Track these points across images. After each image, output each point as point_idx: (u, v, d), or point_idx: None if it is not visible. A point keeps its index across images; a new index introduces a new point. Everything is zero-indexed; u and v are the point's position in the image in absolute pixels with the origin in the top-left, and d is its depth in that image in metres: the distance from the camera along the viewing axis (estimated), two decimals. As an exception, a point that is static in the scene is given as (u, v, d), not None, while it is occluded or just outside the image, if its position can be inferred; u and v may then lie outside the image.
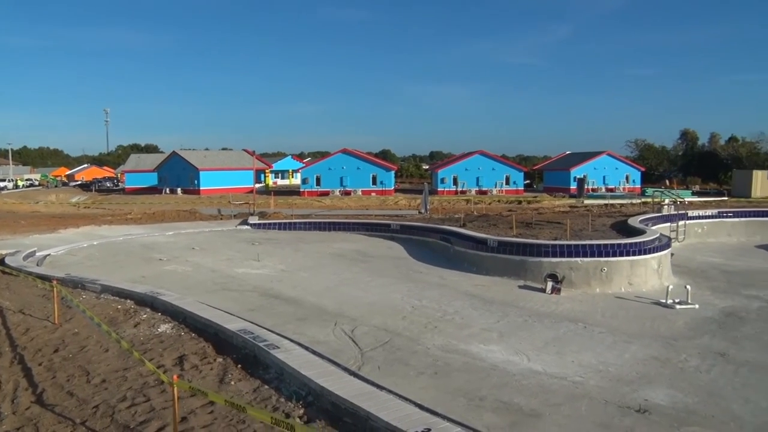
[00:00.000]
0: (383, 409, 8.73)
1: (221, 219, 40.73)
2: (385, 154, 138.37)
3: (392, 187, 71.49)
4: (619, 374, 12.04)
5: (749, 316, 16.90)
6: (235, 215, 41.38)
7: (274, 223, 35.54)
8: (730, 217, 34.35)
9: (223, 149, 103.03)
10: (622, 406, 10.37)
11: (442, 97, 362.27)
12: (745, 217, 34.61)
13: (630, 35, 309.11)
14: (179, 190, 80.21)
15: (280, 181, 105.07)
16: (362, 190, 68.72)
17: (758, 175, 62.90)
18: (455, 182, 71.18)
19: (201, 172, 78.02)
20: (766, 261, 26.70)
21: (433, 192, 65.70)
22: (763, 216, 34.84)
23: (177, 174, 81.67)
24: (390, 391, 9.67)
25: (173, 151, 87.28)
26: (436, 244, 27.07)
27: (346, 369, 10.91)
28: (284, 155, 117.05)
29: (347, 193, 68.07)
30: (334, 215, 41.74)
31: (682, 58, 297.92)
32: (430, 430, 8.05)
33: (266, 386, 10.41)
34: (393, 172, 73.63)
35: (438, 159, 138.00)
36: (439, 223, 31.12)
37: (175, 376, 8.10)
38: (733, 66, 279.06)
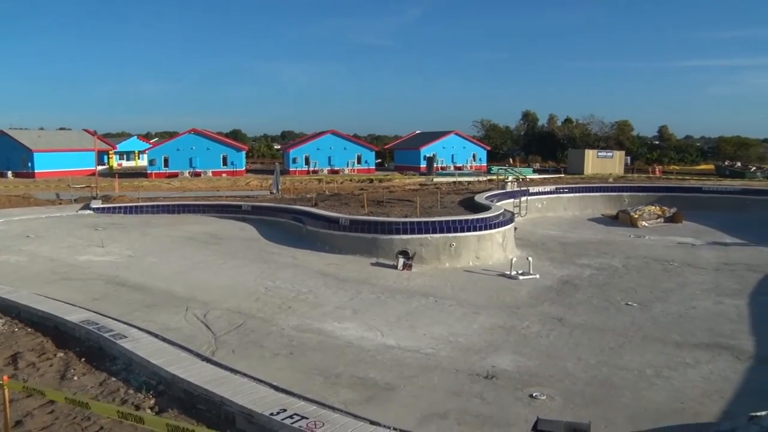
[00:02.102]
0: (238, 393, 8.65)
1: (60, 204, 38.06)
2: (235, 134, 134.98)
3: (243, 168, 70.07)
4: (468, 344, 12.66)
5: (582, 284, 18.35)
6: (75, 199, 38.78)
7: (120, 207, 33.74)
8: (566, 192, 36.99)
9: (61, 129, 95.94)
10: (471, 374, 10.94)
11: (296, 77, 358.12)
12: (579, 192, 37.43)
13: (477, 19, 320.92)
14: (9, 173, 73.99)
15: (125, 163, 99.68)
16: (212, 171, 66.84)
17: (590, 154, 67.95)
18: (307, 162, 70.97)
19: (35, 154, 72.20)
20: (596, 232, 29.02)
21: (285, 172, 65.17)
22: (593, 191, 37.86)
23: (6, 156, 75.04)
24: (245, 375, 9.60)
25: (0, 131, 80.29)
26: (288, 224, 26.95)
27: (198, 355, 10.68)
28: (129, 135, 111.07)
29: (197, 175, 65.94)
30: (184, 197, 40.32)
31: (524, 43, 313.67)
32: (285, 410, 8.08)
33: (113, 379, 9.97)
34: (244, 153, 72.16)
35: (290, 139, 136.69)
36: (291, 203, 30.99)
37: (5, 377, 7.55)
38: (569, 53, 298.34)
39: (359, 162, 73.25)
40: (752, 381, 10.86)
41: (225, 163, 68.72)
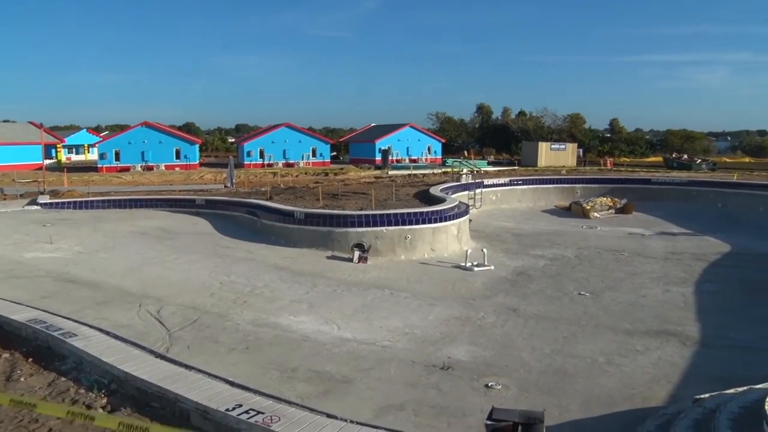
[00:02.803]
0: (193, 389, 8.54)
1: (4, 199, 36.89)
2: (189, 128, 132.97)
3: (197, 162, 68.92)
4: (424, 335, 12.74)
5: (536, 274, 18.63)
6: (21, 195, 37.63)
7: (69, 202, 32.87)
8: (520, 184, 37.50)
9: (5, 122, 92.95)
10: (428, 365, 11.02)
11: (250, 69, 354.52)
12: (533, 184, 37.98)
13: (432, 12, 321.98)
14: (-52, 169, 71.41)
15: (74, 157, 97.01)
16: (165, 165, 65.55)
17: (543, 147, 68.87)
18: (262, 155, 70.19)
19: (-25, 148, 69.92)
20: (550, 224, 29.48)
21: (240, 165, 64.46)
22: (547, 183, 38.47)
23: (-57, 151, 72.46)
24: (200, 371, 9.46)
25: (-60, 125, 77.44)
26: (242, 218, 26.71)
27: (152, 352, 10.49)
28: (78, 128, 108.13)
29: (149, 169, 64.61)
30: (136, 192, 39.51)
31: (479, 36, 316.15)
32: (241, 405, 8.01)
33: (63, 378, 9.72)
34: (197, 146, 70.94)
35: (244, 132, 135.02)
36: (246, 196, 30.68)
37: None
38: (523, 47, 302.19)
39: (314, 155, 72.77)
40: (697, 365, 11.22)
41: (178, 157, 67.51)
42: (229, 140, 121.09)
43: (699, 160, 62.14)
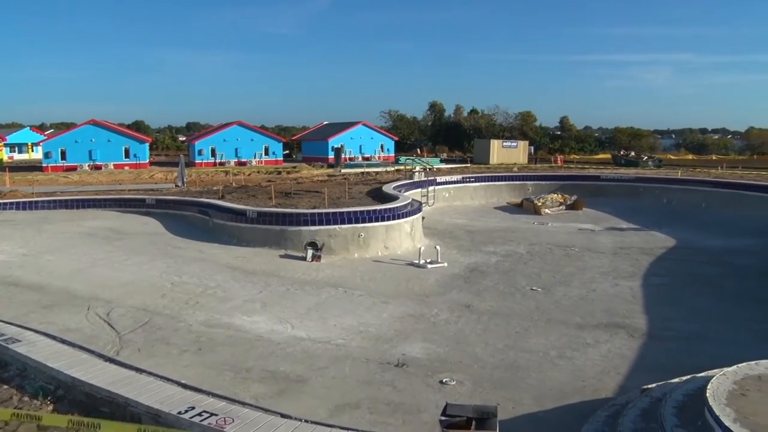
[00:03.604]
0: (143, 392, 8.37)
1: (-57, 201, 35.61)
2: (138, 126, 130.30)
3: (147, 161, 67.58)
4: (378, 333, 12.76)
5: (489, 270, 18.84)
6: (-40, 196, 36.41)
7: (11, 203, 31.84)
8: (473, 182, 37.85)
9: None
10: (382, 363, 11.04)
11: (201, 67, 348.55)
12: (485, 181, 38.38)
13: (385, 10, 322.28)
14: None
15: (16, 156, 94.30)
16: (114, 164, 64.07)
17: (495, 144, 69.58)
18: (213, 154, 69.26)
19: None
20: (502, 220, 29.83)
21: (191, 164, 63.50)
22: (499, 180, 38.93)
23: None
24: (151, 373, 9.28)
25: None
26: (194, 218, 26.31)
27: (101, 355, 10.24)
28: (21, 126, 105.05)
29: (98, 168, 63.05)
30: (83, 191, 38.54)
31: (431, 34, 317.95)
32: (193, 408, 7.89)
33: (5, 386, 9.40)
34: (147, 145, 69.52)
35: (195, 130, 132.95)
36: (197, 195, 30.24)
37: None
38: (475, 45, 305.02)
39: (267, 153, 72.12)
40: (644, 356, 11.53)
41: (127, 156, 66.10)
42: (180, 139, 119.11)
43: (645, 158, 63.62)
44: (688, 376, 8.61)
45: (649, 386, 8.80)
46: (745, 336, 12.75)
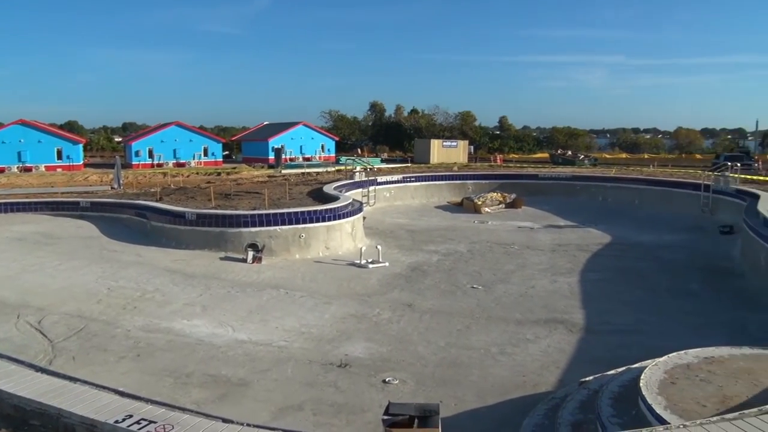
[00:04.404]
0: (78, 402, 8.10)
1: None
2: (71, 126, 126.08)
3: (81, 162, 65.56)
4: (320, 334, 12.71)
5: (430, 269, 18.98)
6: None
7: (-66, 208, 30.51)
8: (413, 181, 38.09)
9: None
10: (325, 364, 11.00)
11: (137, 65, 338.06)
12: (426, 181, 38.67)
13: (325, 9, 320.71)
14: None
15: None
16: (46, 166, 61.91)
17: (435, 144, 70.19)
18: (151, 155, 67.68)
19: None
20: (443, 219, 30.10)
21: (127, 166, 61.86)
22: (439, 180, 39.28)
23: None
24: (86, 382, 8.98)
25: None
26: (131, 221, 25.67)
27: (32, 365, 9.85)
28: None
29: (28, 170, 60.86)
30: (12, 194, 37.19)
31: (371, 34, 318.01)
32: (131, 416, 7.67)
33: (-73, 400, 8.97)
34: (81, 146, 67.44)
35: (132, 131, 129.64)
36: (134, 198, 29.49)
37: None
38: (414, 45, 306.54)
39: (206, 154, 70.93)
40: (582, 350, 11.83)
41: (60, 157, 63.99)
42: (116, 139, 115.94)
43: (582, 156, 65.21)
44: (624, 368, 8.86)
45: (587, 379, 9.02)
46: (677, 327, 13.21)
